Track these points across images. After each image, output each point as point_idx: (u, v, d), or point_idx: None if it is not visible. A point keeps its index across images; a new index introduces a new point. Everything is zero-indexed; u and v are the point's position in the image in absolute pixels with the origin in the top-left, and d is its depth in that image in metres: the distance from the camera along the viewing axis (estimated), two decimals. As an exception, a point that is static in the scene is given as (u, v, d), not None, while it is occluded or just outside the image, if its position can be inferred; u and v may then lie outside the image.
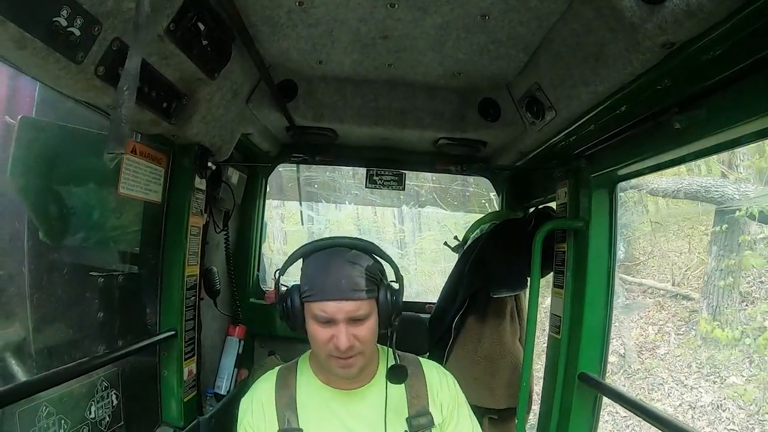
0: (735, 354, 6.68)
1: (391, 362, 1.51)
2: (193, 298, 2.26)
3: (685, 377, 6.92)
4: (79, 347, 1.73)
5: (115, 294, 1.94)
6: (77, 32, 1.18)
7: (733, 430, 6.00)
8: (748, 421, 5.95)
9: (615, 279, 2.07)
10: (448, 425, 1.56)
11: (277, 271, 1.54)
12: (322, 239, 1.50)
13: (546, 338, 2.31)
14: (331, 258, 1.42)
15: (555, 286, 2.24)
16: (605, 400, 2.05)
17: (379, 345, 1.61)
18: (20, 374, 1.48)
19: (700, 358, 6.99)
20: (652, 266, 8.86)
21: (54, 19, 1.11)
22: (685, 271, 8.39)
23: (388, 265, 1.54)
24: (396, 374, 1.47)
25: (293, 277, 1.60)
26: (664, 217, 9.08)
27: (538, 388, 2.43)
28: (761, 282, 7.27)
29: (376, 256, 1.50)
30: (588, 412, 2.05)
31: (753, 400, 6.02)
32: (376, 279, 1.43)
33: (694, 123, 1.37)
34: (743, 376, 6.39)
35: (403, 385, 1.52)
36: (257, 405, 1.53)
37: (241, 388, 2.85)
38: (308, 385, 1.55)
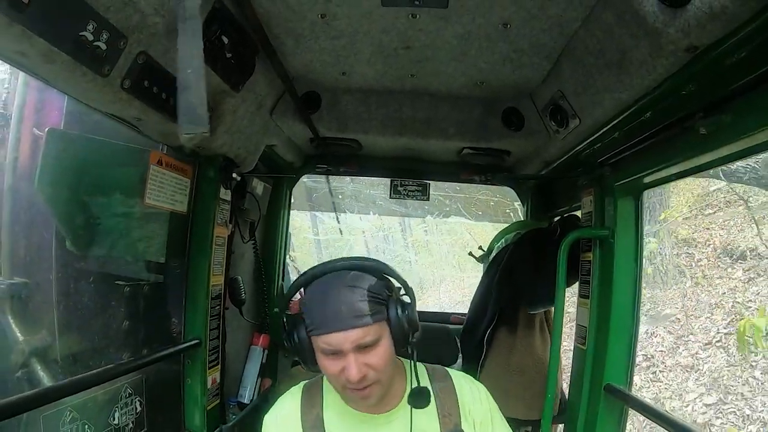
0: (672, 291, 7.86)
1: (415, 383, 1.40)
2: (218, 307, 2.27)
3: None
4: (104, 354, 1.77)
5: (141, 302, 1.98)
6: (103, 46, 1.21)
7: (662, 350, 7.01)
8: (675, 343, 7.00)
9: (641, 288, 2.01)
10: None
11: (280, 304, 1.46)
12: (318, 265, 1.39)
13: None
14: (328, 285, 1.33)
15: (581, 296, 2.19)
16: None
17: (405, 361, 1.52)
18: (45, 379, 1.51)
19: (643, 297, 7.87)
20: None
21: (80, 33, 1.14)
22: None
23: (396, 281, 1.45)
24: (418, 399, 1.37)
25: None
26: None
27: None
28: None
29: (381, 274, 1.40)
30: (614, 425, 1.99)
31: (681, 326, 7.17)
32: (381, 298, 1.33)
33: (720, 128, 1.33)
34: (677, 307, 7.47)
35: (434, 404, 1.43)
36: (282, 423, 1.46)
37: (264, 397, 2.86)
38: (335, 406, 1.47)
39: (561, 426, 2.54)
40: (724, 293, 7.05)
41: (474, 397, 1.51)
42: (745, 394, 5.76)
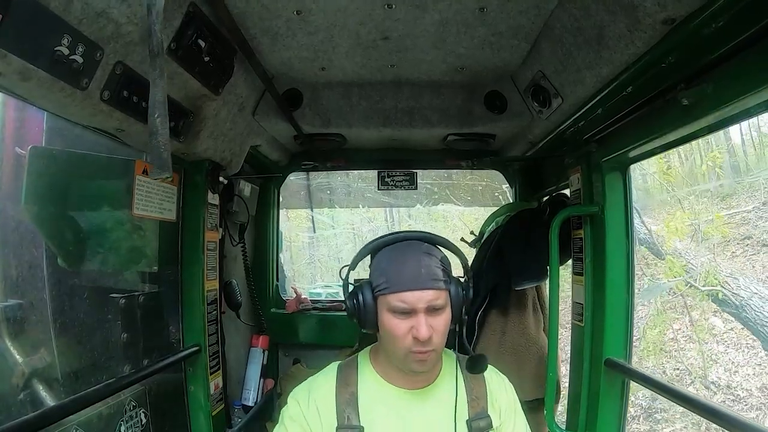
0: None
1: (452, 362, 1.50)
2: (214, 312, 2.27)
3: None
4: (105, 369, 1.75)
5: (137, 314, 1.96)
6: (80, 59, 1.19)
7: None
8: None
9: (635, 262, 2.02)
10: (505, 429, 1.53)
11: (344, 268, 1.49)
12: (390, 234, 1.47)
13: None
14: (406, 250, 1.40)
15: (575, 273, 2.20)
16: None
17: None
18: (48, 399, 1.50)
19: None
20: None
21: (56, 48, 1.12)
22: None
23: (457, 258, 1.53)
24: (476, 364, 1.46)
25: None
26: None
27: (566, 377, 2.40)
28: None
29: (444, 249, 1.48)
30: (616, 398, 2.01)
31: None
32: (448, 271, 1.41)
33: (702, 98, 1.34)
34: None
35: (463, 388, 1.49)
36: (313, 401, 1.47)
37: (268, 398, 2.86)
38: (370, 382, 1.50)
39: (557, 405, 2.56)
40: (642, 317, 8.98)
41: (500, 386, 1.57)
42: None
